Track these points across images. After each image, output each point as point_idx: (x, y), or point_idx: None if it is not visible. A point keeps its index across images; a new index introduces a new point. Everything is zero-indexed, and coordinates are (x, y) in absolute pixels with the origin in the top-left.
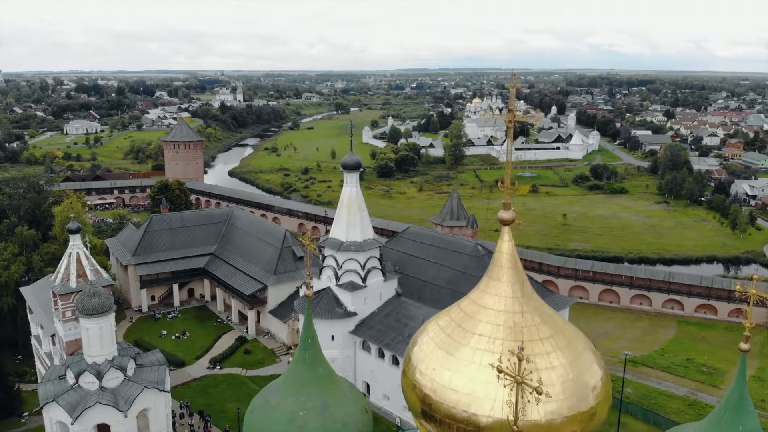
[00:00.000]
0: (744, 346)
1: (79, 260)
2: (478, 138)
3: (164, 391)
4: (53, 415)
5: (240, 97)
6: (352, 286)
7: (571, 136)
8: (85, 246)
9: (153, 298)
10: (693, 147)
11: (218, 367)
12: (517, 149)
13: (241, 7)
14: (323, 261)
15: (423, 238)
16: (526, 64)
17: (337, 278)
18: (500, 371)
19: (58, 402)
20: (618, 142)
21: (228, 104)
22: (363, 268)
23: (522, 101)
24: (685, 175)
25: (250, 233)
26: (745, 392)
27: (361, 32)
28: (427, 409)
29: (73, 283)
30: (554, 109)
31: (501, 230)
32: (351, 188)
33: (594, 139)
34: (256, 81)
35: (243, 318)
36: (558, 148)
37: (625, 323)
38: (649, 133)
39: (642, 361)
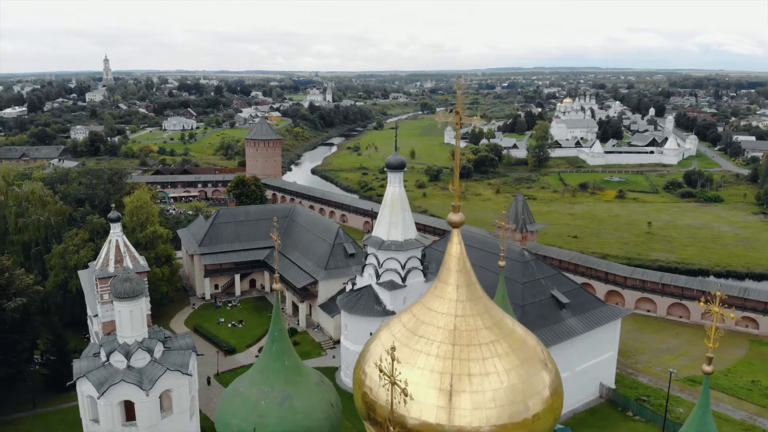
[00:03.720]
0: (707, 368)
1: (117, 247)
2: (567, 140)
3: (187, 374)
4: (84, 389)
5: (329, 97)
6: (391, 285)
7: (666, 139)
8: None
9: (216, 287)
10: None
11: None
12: (606, 152)
13: (334, 9)
14: (366, 259)
15: (469, 241)
16: (628, 63)
17: (378, 276)
18: (381, 371)
19: (87, 377)
20: (718, 147)
21: (317, 104)
22: (403, 267)
23: (618, 102)
24: None
25: (308, 229)
26: (707, 418)
27: (453, 32)
28: (365, 407)
29: (111, 269)
30: (652, 111)
31: (451, 233)
32: (394, 188)
33: (691, 143)
34: (348, 81)
35: (296, 310)
36: (652, 152)
37: (692, 340)
38: (753, 138)
39: (702, 380)
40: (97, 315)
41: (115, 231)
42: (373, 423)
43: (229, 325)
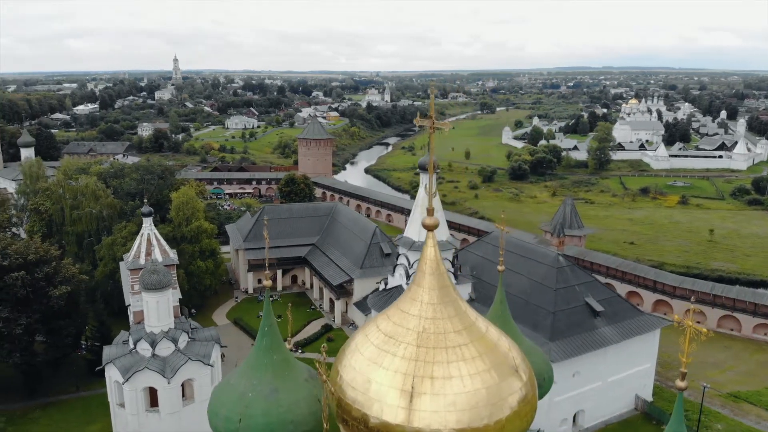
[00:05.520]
0: (681, 384)
1: (149, 240)
2: (630, 142)
3: (208, 365)
4: (112, 374)
5: (387, 97)
6: None
7: (736, 143)
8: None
9: (259, 281)
10: None
11: (299, 351)
12: (671, 156)
13: (396, 9)
14: (397, 259)
15: (505, 244)
16: (701, 63)
17: (408, 277)
18: (319, 372)
19: (114, 363)
20: None
21: (374, 104)
22: None
23: (688, 104)
24: None
25: (347, 227)
26: None
27: (517, 30)
28: (336, 405)
29: (142, 260)
30: (723, 114)
31: (426, 235)
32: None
33: (763, 148)
34: (408, 81)
35: (333, 307)
36: (720, 156)
37: (741, 354)
38: None
39: (746, 396)
40: (129, 305)
41: (147, 225)
42: (344, 424)
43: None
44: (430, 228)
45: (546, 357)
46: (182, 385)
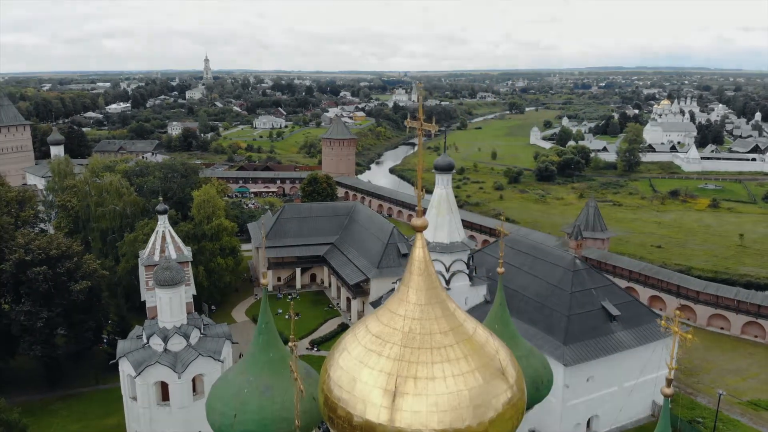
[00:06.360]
0: (666, 390)
1: (163, 237)
2: (661, 144)
3: (219, 361)
4: (125, 368)
5: (414, 97)
6: None
7: None
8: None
9: (279, 279)
10: None
11: (316, 349)
12: (703, 158)
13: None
14: None
15: (521, 246)
16: (738, 63)
17: None
18: (292, 371)
19: (127, 357)
20: None
21: (401, 104)
22: (447, 270)
23: (722, 105)
24: None
25: (365, 227)
26: None
27: (549, 30)
28: (323, 402)
29: (156, 257)
30: (758, 116)
31: (415, 236)
32: (442, 189)
33: None
34: (437, 81)
35: (350, 306)
36: (753, 159)
37: (765, 362)
38: None
39: (766, 405)
40: (144, 300)
41: (162, 222)
42: (330, 422)
43: (286, 316)
44: (419, 229)
45: (546, 360)
46: (193, 380)
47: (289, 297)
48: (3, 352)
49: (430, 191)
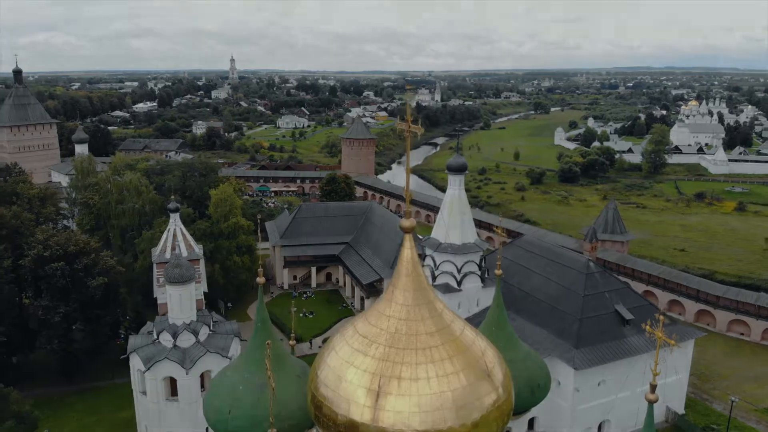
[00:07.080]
0: (651, 396)
1: (175, 235)
2: (688, 145)
3: (227, 357)
4: (135, 363)
5: (437, 97)
6: (446, 288)
7: None
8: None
9: (294, 277)
10: None
11: None
12: (731, 160)
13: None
14: (423, 260)
15: (534, 248)
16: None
17: (434, 278)
18: (267, 369)
19: (137, 352)
20: None
21: (424, 104)
22: (459, 271)
23: (752, 106)
24: None
25: (379, 227)
26: None
27: (575, 29)
28: (310, 400)
29: (167, 255)
30: None
31: (403, 238)
32: (454, 190)
33: None
34: (461, 81)
35: (364, 305)
36: None
37: None
38: None
39: None
40: (156, 297)
41: (174, 220)
42: (317, 420)
43: (300, 315)
44: (407, 230)
45: (545, 364)
46: (201, 376)
47: (304, 296)
48: (22, 346)
49: (446, 191)
